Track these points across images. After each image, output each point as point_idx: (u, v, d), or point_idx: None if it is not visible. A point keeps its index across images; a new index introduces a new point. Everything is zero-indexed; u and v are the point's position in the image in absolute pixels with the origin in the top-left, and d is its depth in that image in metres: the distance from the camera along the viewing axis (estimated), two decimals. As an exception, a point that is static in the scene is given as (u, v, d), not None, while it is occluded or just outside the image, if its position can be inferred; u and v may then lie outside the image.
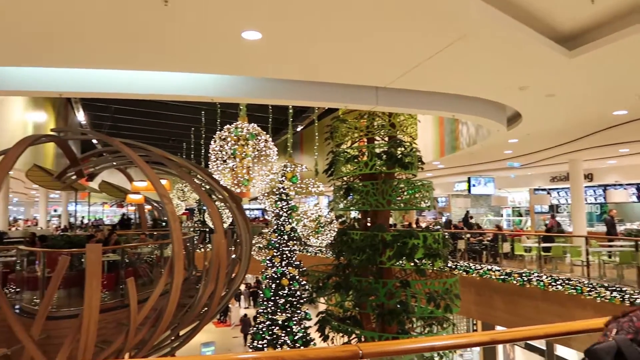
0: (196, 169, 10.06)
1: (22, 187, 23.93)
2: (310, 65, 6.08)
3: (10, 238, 15.17)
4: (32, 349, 6.39)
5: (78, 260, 9.06)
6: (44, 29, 4.82)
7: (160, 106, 22.67)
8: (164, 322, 7.51)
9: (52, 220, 33.24)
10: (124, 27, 4.77)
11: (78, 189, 16.74)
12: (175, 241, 7.25)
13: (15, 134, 15.60)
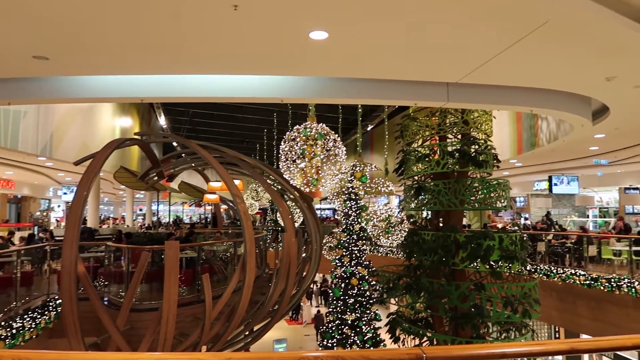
0: (268, 169, 10.30)
1: (111, 187, 25.75)
2: (378, 62, 6.01)
3: (100, 235, 16.35)
4: (118, 339, 6.83)
5: (159, 257, 9.56)
6: (128, 40, 5.14)
7: (234, 109, 23.49)
8: (237, 318, 7.75)
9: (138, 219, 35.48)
10: (198, 34, 4.98)
11: (160, 189, 17.73)
12: (247, 239, 7.45)
13: (105, 138, 16.82)
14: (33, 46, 5.34)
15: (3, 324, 6.77)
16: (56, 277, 9.83)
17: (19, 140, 11.86)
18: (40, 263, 10.13)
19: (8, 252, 9.27)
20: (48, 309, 8.26)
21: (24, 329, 7.10)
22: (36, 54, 5.55)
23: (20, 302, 8.14)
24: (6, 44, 5.29)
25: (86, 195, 6.85)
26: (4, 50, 5.52)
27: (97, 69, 6.45)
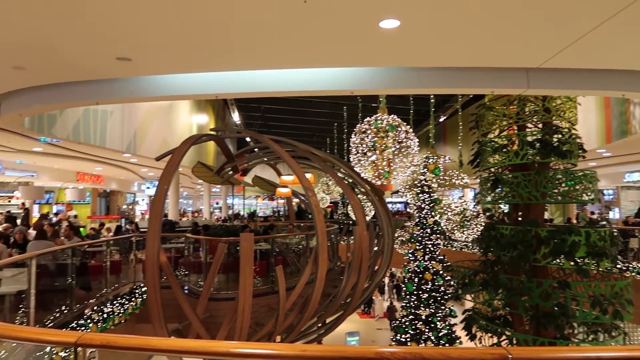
0: (339, 162, 10.30)
1: (189, 182, 27.01)
2: (452, 49, 5.78)
3: (180, 227, 17.18)
4: (198, 326, 7.13)
5: (235, 248, 9.88)
6: (204, 39, 5.31)
7: (305, 104, 23.74)
8: (310, 310, 7.84)
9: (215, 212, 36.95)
10: (269, 29, 5.03)
11: (235, 184, 18.32)
12: (319, 232, 7.49)
13: (182, 134, 17.63)
14: (117, 48, 5.66)
15: (96, 309, 7.30)
16: (141, 266, 10.45)
17: (107, 138, 12.71)
18: (127, 253, 10.80)
19: (99, 242, 9.98)
20: (135, 296, 8.80)
21: (113, 314, 7.62)
22: (119, 55, 5.88)
23: (110, 289, 8.74)
24: (93, 47, 5.64)
25: (166, 189, 7.19)
26: (91, 53, 5.90)
27: (175, 67, 6.73)
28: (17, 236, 9.12)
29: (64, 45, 5.57)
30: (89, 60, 6.18)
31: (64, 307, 7.04)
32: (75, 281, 7.38)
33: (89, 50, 5.77)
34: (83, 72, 6.71)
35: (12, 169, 17.34)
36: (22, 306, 6.18)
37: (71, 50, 5.76)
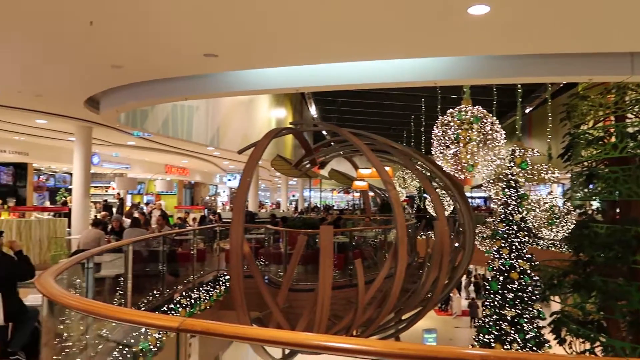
0: (418, 155, 10.06)
1: (267, 174, 27.74)
2: (546, 34, 5.40)
3: (259, 218, 17.69)
4: (279, 315, 7.30)
5: (313, 240, 9.99)
6: (287, 34, 5.38)
7: (381, 96, 23.47)
8: (389, 304, 7.74)
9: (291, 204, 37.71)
10: (351, 22, 4.98)
11: (312, 176, 18.56)
12: (399, 226, 7.36)
13: (262, 128, 18.11)
14: (205, 45, 5.87)
15: (184, 294, 7.69)
16: (224, 255, 10.87)
17: (193, 132, 13.33)
18: (211, 242, 11.27)
19: (187, 231, 10.51)
20: (219, 284, 9.18)
21: (200, 300, 7.99)
22: (207, 52, 6.10)
23: (196, 276, 9.18)
24: (182, 45, 5.90)
25: (249, 182, 7.38)
26: (181, 51, 6.18)
27: (259, 62, 6.88)
28: (114, 224, 9.83)
29: (158, 44, 5.88)
30: (179, 58, 6.48)
31: (155, 292, 7.49)
32: (166, 267, 7.81)
33: (179, 48, 6.04)
34: (173, 69, 7.06)
35: (108, 162, 18.74)
36: (118, 289, 6.64)
37: (164, 49, 6.07)
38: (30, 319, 4.63)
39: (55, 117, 10.62)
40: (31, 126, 12.14)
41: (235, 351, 11.45)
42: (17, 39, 5.79)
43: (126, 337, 4.53)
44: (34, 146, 15.35)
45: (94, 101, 9.42)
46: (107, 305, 2.25)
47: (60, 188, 20.06)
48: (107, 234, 9.57)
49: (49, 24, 5.22)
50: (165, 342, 5.12)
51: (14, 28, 5.38)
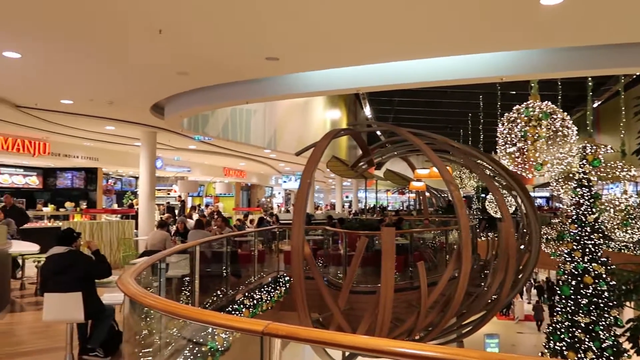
0: (480, 154, 9.74)
1: (321, 176, 27.83)
2: (623, 23, 5.05)
3: (315, 219, 17.76)
4: (340, 317, 7.26)
5: (371, 242, 9.89)
6: (346, 34, 5.33)
7: (438, 95, 22.96)
8: (452, 308, 7.53)
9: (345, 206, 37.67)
10: (415, 19, 4.86)
11: (367, 177, 18.44)
12: (462, 228, 7.14)
13: (317, 130, 18.19)
14: (267, 49, 5.93)
15: (247, 295, 7.81)
16: (282, 256, 10.97)
17: (251, 135, 13.57)
18: (270, 243, 11.42)
19: (247, 232, 10.69)
20: (279, 284, 9.26)
21: (262, 301, 8.09)
22: (269, 55, 6.16)
23: (257, 277, 9.31)
24: (246, 49, 5.99)
25: (309, 183, 7.40)
26: (244, 55, 6.27)
27: (318, 64, 6.89)
28: (178, 225, 10.17)
29: (222, 50, 6.00)
30: (242, 62, 6.59)
31: (219, 292, 7.65)
32: (228, 268, 7.96)
33: (242, 53, 6.14)
34: (235, 73, 7.19)
35: (170, 165, 19.44)
36: (183, 288, 6.83)
37: (227, 54, 6.19)
38: (107, 317, 4.83)
39: (123, 123, 11.12)
40: (101, 132, 12.78)
41: (293, 349, 11.54)
42: (91, 51, 6.08)
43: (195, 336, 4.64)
44: (103, 152, 16.19)
45: (159, 107, 9.78)
46: (189, 307, 2.28)
47: (126, 191, 21.02)
48: (171, 235, 9.91)
49: (121, 35, 5.45)
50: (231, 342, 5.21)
51: (88, 40, 5.65)
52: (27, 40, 5.74)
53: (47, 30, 5.38)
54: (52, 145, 14.42)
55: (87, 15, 4.90)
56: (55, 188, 17.39)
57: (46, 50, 6.10)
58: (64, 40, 5.69)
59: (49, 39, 5.66)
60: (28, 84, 7.86)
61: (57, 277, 4.60)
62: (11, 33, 5.50)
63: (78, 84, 7.89)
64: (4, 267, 6.89)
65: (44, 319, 4.61)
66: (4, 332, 5.82)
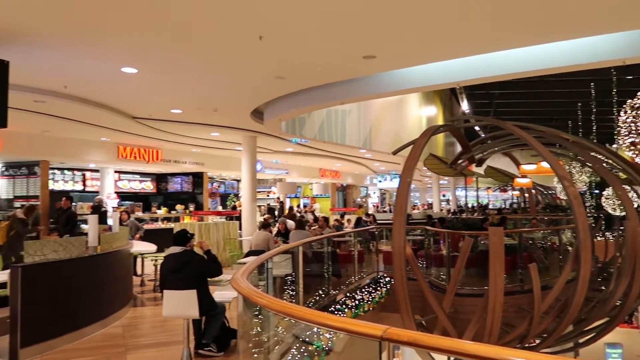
0: (597, 147, 8.88)
1: (417, 174, 27.24)
2: None
3: (413, 219, 17.40)
4: (445, 321, 6.99)
5: (475, 242, 9.43)
6: (444, 27, 5.11)
7: (539, 85, 21.41)
8: (570, 314, 6.93)
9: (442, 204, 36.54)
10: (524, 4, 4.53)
11: (467, 175, 17.68)
12: (580, 228, 6.54)
13: (413, 127, 17.81)
14: (364, 48, 5.88)
15: (348, 295, 7.82)
16: (381, 256, 10.85)
17: (346, 136, 13.61)
18: (368, 243, 11.35)
19: (346, 232, 10.73)
20: (379, 285, 9.17)
21: (363, 301, 8.05)
22: (366, 54, 6.10)
23: (356, 277, 9.29)
24: (343, 50, 5.98)
25: (409, 182, 7.21)
26: (341, 56, 6.27)
27: (415, 60, 6.70)
28: (280, 226, 10.45)
29: (319, 52, 6.05)
30: (338, 63, 6.60)
31: (320, 292, 7.73)
32: (329, 268, 8.02)
33: (338, 53, 6.15)
34: (332, 74, 7.23)
35: (269, 168, 20.13)
36: (286, 287, 6.98)
37: (324, 56, 6.23)
38: (219, 313, 5.06)
39: (226, 129, 11.70)
40: (206, 139, 13.56)
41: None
42: (198, 62, 6.44)
43: (301, 334, 4.70)
44: (208, 157, 17.18)
45: (258, 112, 10.14)
46: (304, 308, 2.28)
47: (229, 194, 22.13)
48: (273, 235, 10.21)
49: (225, 45, 5.70)
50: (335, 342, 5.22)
51: (196, 54, 5.98)
52: (143, 57, 6.21)
53: (161, 47, 5.78)
54: (164, 153, 15.60)
55: (196, 31, 5.18)
56: (167, 192, 18.78)
57: (160, 64, 6.56)
58: (175, 54, 6.09)
59: (163, 54, 6.08)
60: (143, 97, 8.53)
61: (173, 275, 4.91)
62: (130, 51, 5.98)
63: (187, 94, 8.42)
64: (127, 266, 7.52)
65: (164, 314, 4.94)
66: (128, 325, 6.34)
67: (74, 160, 13.84)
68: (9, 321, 4.90)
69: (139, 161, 14.93)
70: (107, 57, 6.22)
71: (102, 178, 16.17)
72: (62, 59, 6.26)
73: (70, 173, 15.72)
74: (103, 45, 5.74)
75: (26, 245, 5.33)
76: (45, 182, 13.41)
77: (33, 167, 13.49)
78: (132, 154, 14.58)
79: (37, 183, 13.41)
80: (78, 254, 5.84)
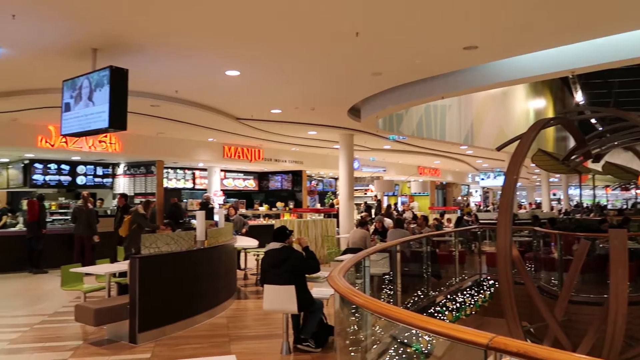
0: None
1: (524, 171, 25.56)
2: None
3: (519, 219, 16.34)
4: (557, 330, 6.45)
5: (592, 245, 8.63)
6: (563, 7, 4.69)
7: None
8: None
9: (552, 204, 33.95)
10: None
11: (581, 172, 16.25)
12: None
13: (519, 121, 16.72)
14: (464, 38, 5.59)
15: (449, 297, 7.53)
16: (485, 258, 10.32)
17: (446, 131, 13.13)
18: (469, 243, 10.86)
19: (446, 232, 10.36)
20: (482, 288, 8.72)
21: (464, 304, 7.70)
22: (467, 44, 5.80)
23: (457, 279, 8.92)
24: (441, 42, 5.74)
25: (516, 179, 6.76)
26: (439, 49, 6.02)
27: (522, 48, 6.23)
28: (377, 224, 10.36)
29: (417, 45, 5.87)
30: (437, 56, 6.35)
31: (419, 292, 7.52)
32: (428, 268, 7.78)
33: (437, 46, 5.91)
34: (430, 68, 6.99)
35: (366, 166, 20.08)
36: (383, 287, 6.87)
37: (422, 49, 6.03)
38: (317, 309, 5.11)
39: (323, 127, 11.85)
40: (304, 137, 13.84)
41: None
42: (298, 63, 6.57)
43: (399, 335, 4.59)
44: (306, 155, 17.56)
45: (355, 110, 10.13)
46: (402, 310, 2.19)
47: (327, 192, 22.44)
48: (372, 233, 10.14)
49: (323, 43, 5.74)
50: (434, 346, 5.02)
51: (296, 54, 6.10)
52: (245, 59, 6.47)
53: (261, 49, 5.97)
54: (265, 152, 16.22)
55: (294, 31, 5.27)
56: (268, 190, 19.50)
57: (260, 66, 6.80)
58: (274, 56, 6.26)
59: (263, 56, 6.28)
60: (245, 98, 8.90)
61: (273, 270, 5.04)
62: (233, 54, 6.26)
63: (286, 94, 8.64)
64: (232, 260, 7.90)
65: (264, 308, 5.09)
66: (233, 317, 6.64)
67: (185, 160, 14.87)
68: (129, 307, 5.35)
69: (242, 160, 15.67)
70: (213, 62, 6.58)
71: (209, 176, 17.23)
72: (174, 66, 6.74)
73: (182, 172, 16.94)
74: (209, 50, 6.07)
75: (143, 238, 5.79)
76: (160, 180, 14.58)
77: (150, 166, 14.74)
78: (237, 153, 15.34)
79: (153, 181, 14.63)
80: (187, 248, 6.24)
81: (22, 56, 6.18)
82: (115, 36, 5.49)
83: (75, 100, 5.97)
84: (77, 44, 5.72)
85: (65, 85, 6.12)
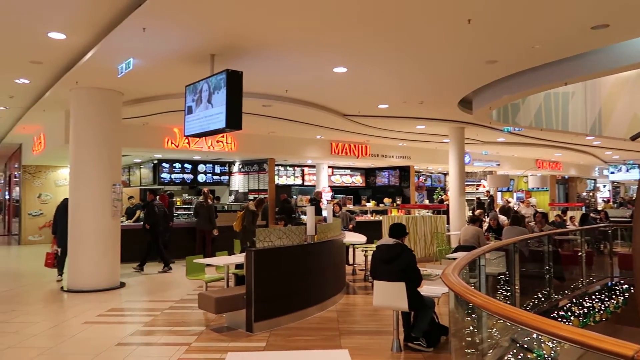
0: None
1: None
2: None
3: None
4: None
5: None
6: None
7: None
8: None
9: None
10: None
11: None
12: None
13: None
14: (593, 15, 5.06)
15: (574, 301, 6.91)
16: (616, 259, 9.34)
17: (569, 121, 12.05)
18: (598, 244, 9.90)
19: (569, 230, 9.53)
20: (614, 293, 7.89)
21: (593, 310, 7.02)
22: (596, 23, 5.25)
23: (584, 282, 8.15)
24: (565, 21, 5.25)
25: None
26: (562, 29, 5.51)
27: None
28: (491, 222, 9.83)
29: (535, 28, 5.44)
30: (560, 38, 5.83)
31: (539, 294, 7.00)
32: (550, 269, 7.21)
33: (560, 27, 5.43)
34: (551, 53, 6.44)
35: (478, 160, 19.16)
36: (499, 287, 6.49)
37: (542, 31, 5.57)
38: (428, 308, 4.97)
39: (432, 121, 11.51)
40: (412, 132, 13.57)
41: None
42: (404, 56, 6.44)
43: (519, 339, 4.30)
44: (414, 150, 17.22)
45: (466, 102, 9.69)
46: (526, 312, 2.03)
47: (436, 187, 21.81)
48: (485, 231, 9.65)
49: (431, 32, 5.56)
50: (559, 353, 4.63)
51: (402, 47, 5.99)
52: (352, 55, 6.49)
53: (369, 43, 5.94)
54: (371, 148, 16.18)
55: (403, 23, 5.17)
56: (375, 186, 19.45)
57: (368, 60, 6.77)
58: (382, 48, 6.20)
59: (370, 50, 6.25)
60: (352, 94, 8.94)
61: (384, 266, 4.99)
62: (340, 51, 6.31)
63: (393, 88, 8.52)
64: (341, 255, 7.99)
65: (374, 304, 5.07)
66: (342, 311, 6.71)
67: (294, 157, 15.36)
68: (245, 297, 5.64)
69: (349, 157, 15.79)
70: (321, 60, 6.69)
71: (317, 173, 17.62)
72: (283, 66, 6.97)
73: (292, 169, 17.53)
74: (317, 49, 6.19)
75: (258, 232, 6.07)
76: (272, 177, 15.23)
77: (262, 164, 15.47)
78: (344, 149, 15.50)
79: (265, 178, 15.35)
80: (298, 242, 6.42)
81: (151, 65, 6.81)
82: (230, 42, 5.82)
83: (196, 103, 6.43)
84: (197, 51, 6.16)
85: (188, 89, 6.62)
